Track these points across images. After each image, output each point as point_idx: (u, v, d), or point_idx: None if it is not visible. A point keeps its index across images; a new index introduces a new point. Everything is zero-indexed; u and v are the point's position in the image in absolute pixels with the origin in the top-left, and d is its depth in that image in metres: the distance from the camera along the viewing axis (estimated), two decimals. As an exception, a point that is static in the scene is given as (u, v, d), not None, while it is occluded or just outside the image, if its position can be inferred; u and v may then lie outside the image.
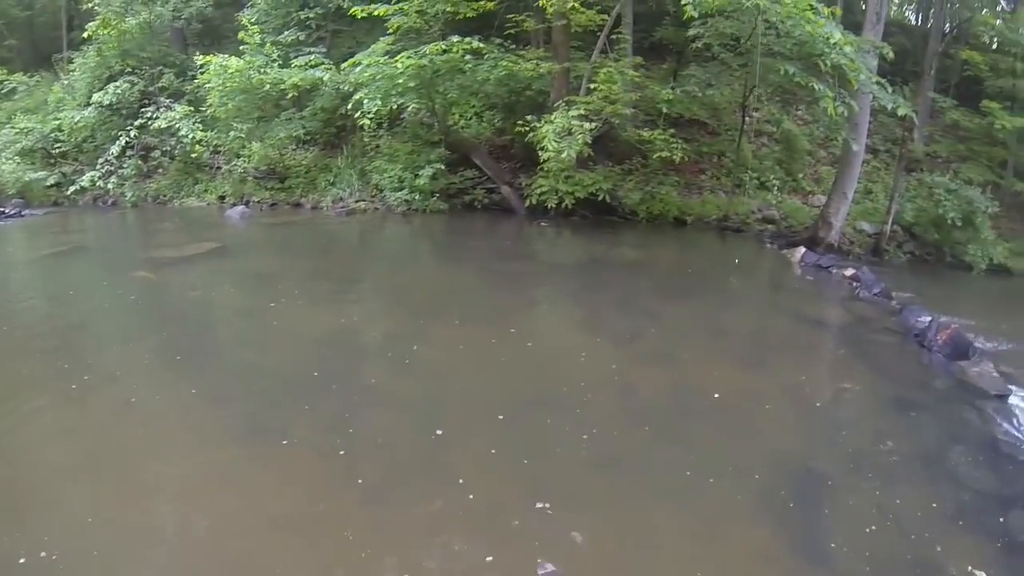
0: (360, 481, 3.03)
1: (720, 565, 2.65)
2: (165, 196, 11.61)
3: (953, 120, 11.44)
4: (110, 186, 11.65)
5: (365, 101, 9.02)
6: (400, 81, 8.93)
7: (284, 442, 3.31)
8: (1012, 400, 4.52)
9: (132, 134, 11.68)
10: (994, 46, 12.22)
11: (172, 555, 2.55)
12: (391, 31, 9.57)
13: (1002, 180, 11.87)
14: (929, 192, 10.66)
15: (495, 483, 3.07)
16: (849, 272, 7.97)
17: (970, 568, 2.70)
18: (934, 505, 3.13)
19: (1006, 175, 11.91)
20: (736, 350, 5.15)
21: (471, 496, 2.92)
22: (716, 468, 3.30)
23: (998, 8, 12.32)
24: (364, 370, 4.38)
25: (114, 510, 2.78)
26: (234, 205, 10.65)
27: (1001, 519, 3.07)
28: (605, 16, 9.10)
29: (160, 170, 12.00)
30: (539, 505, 2.87)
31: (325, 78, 10.07)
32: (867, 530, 2.91)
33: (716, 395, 4.13)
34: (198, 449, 3.26)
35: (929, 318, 5.77)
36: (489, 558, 2.55)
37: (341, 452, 3.25)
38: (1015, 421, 4.17)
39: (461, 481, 3.02)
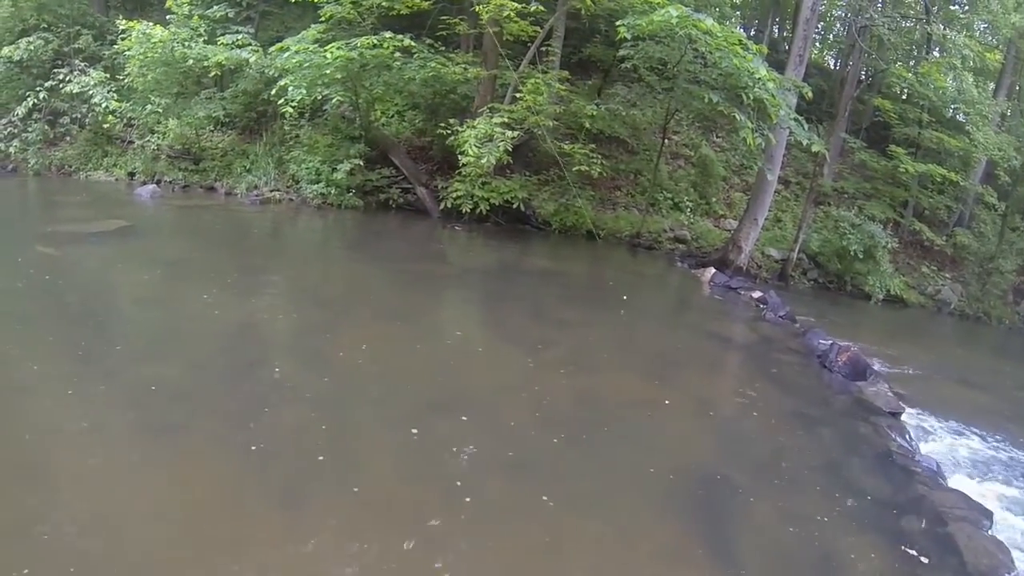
0: (266, 479, 2.91)
1: (631, 567, 2.67)
2: (71, 166, 10.89)
3: (861, 160, 12.22)
4: (12, 150, 10.83)
5: (290, 88, 8.76)
6: (328, 72, 8.73)
7: (188, 438, 3.14)
8: (904, 417, 4.91)
9: (41, 96, 10.88)
10: (904, 96, 13.13)
11: (59, 557, 2.32)
12: (323, 19, 9.35)
13: (902, 219, 12.80)
14: (835, 225, 11.37)
15: (401, 486, 3.01)
16: (756, 295, 8.37)
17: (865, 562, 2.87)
18: (834, 509, 3.32)
19: (906, 214, 12.84)
20: (645, 363, 5.26)
21: (377, 499, 2.84)
22: (624, 475, 3.35)
23: (911, 62, 13.23)
24: (273, 365, 4.22)
25: None
26: (144, 183, 10.11)
27: (895, 521, 3.31)
28: (538, 28, 9.21)
29: (68, 138, 11.25)
30: (447, 509, 2.82)
31: (251, 60, 9.73)
32: (771, 531, 3.05)
33: (624, 405, 4.21)
34: (95, 446, 3.02)
35: (830, 341, 6.16)
36: (393, 565, 2.47)
37: (248, 449, 3.10)
38: (907, 436, 4.52)
39: (366, 483, 2.94)
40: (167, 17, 10.49)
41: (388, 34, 8.77)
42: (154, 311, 5.00)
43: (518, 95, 8.80)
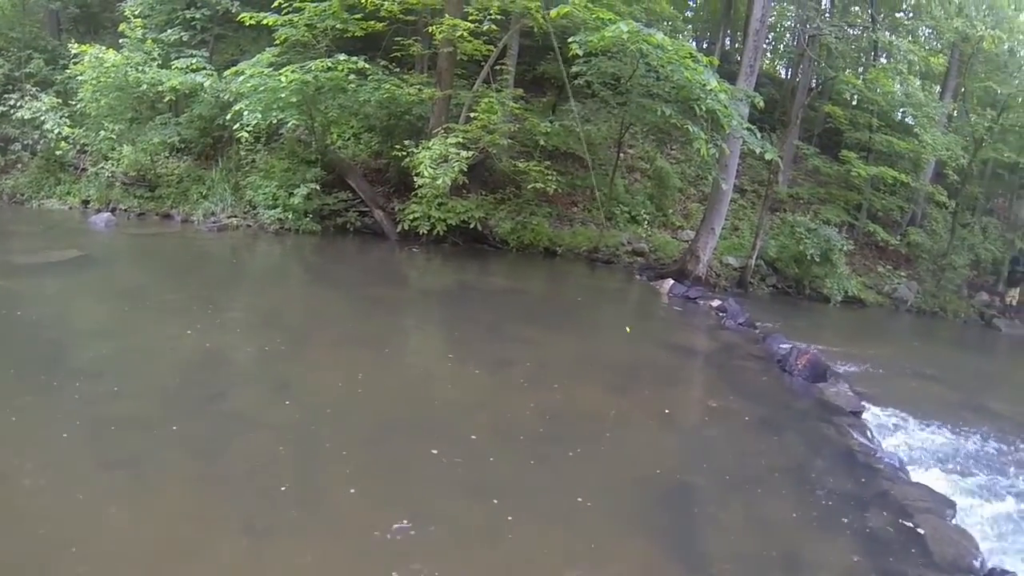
0: (229, 511, 2.89)
1: None
2: (23, 195, 10.67)
3: (815, 166, 12.58)
4: (-39, 179, 10.63)
5: (245, 113, 8.74)
6: (283, 95, 8.72)
7: (148, 472, 3.09)
8: (865, 416, 5.01)
9: (-9, 123, 10.72)
10: (854, 102, 13.56)
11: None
12: (278, 42, 9.35)
13: (856, 221, 13.20)
14: (791, 230, 11.67)
15: (367, 511, 3.00)
16: (715, 303, 8.50)
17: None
18: (799, 510, 3.38)
19: (860, 217, 13.25)
20: (606, 376, 5.29)
21: (342, 524, 2.84)
22: (590, 489, 3.33)
23: (859, 69, 13.67)
24: (233, 394, 4.20)
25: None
26: (99, 211, 9.95)
27: (860, 517, 3.38)
28: (491, 47, 9.32)
29: (19, 165, 11.03)
30: (413, 533, 2.81)
31: (206, 84, 9.67)
32: (739, 535, 3.10)
33: (587, 419, 4.23)
34: (52, 483, 2.95)
35: (790, 345, 6.24)
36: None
37: (210, 480, 3.09)
38: (868, 433, 4.61)
39: (333, 509, 2.94)
40: (120, 41, 10.38)
41: (343, 56, 8.81)
42: (111, 342, 4.95)
43: (473, 115, 8.90)
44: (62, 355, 4.53)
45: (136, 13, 10.66)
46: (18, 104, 10.58)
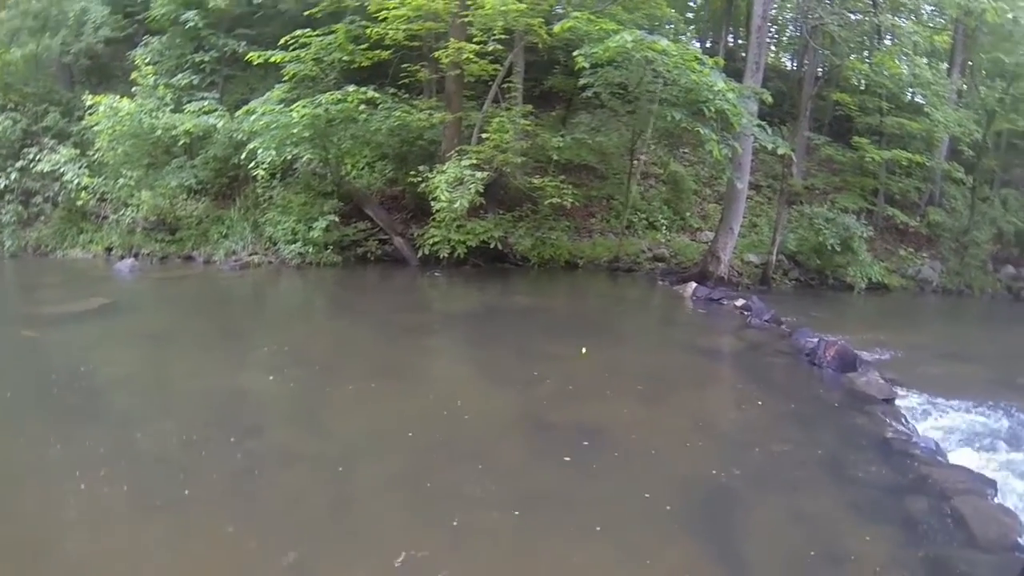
0: (271, 548, 2.90)
1: None
2: (47, 246, 10.89)
3: (828, 155, 12.46)
4: (-13, 234, 10.85)
5: (259, 151, 8.86)
6: (295, 131, 8.84)
7: (187, 513, 3.14)
8: (898, 402, 4.98)
9: (12, 176, 10.92)
10: (862, 88, 13.41)
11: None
12: (287, 78, 9.48)
13: (874, 207, 13.03)
14: (809, 222, 11.57)
15: (416, 536, 3.03)
16: (739, 302, 8.45)
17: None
18: (838, 502, 3.39)
19: (877, 202, 13.08)
20: (636, 386, 5.30)
21: (396, 553, 2.84)
22: (631, 498, 3.37)
23: (864, 53, 13.53)
24: (268, 431, 4.26)
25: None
26: (122, 257, 10.13)
27: (899, 505, 3.38)
28: (498, 66, 9.37)
29: (42, 217, 11.24)
30: (460, 555, 2.85)
31: (219, 125, 9.82)
32: (780, 533, 3.11)
33: (620, 429, 4.25)
34: (106, 524, 3.03)
35: (817, 338, 6.22)
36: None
37: (249, 518, 3.12)
38: (902, 420, 4.59)
39: (383, 538, 2.97)
40: (132, 89, 10.56)
41: (352, 87, 8.91)
42: (143, 387, 5.04)
43: (484, 135, 8.95)
44: (94, 402, 4.62)
45: (146, 60, 10.87)
46: (37, 157, 10.82)
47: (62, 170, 10.51)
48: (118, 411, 4.51)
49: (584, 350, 5.92)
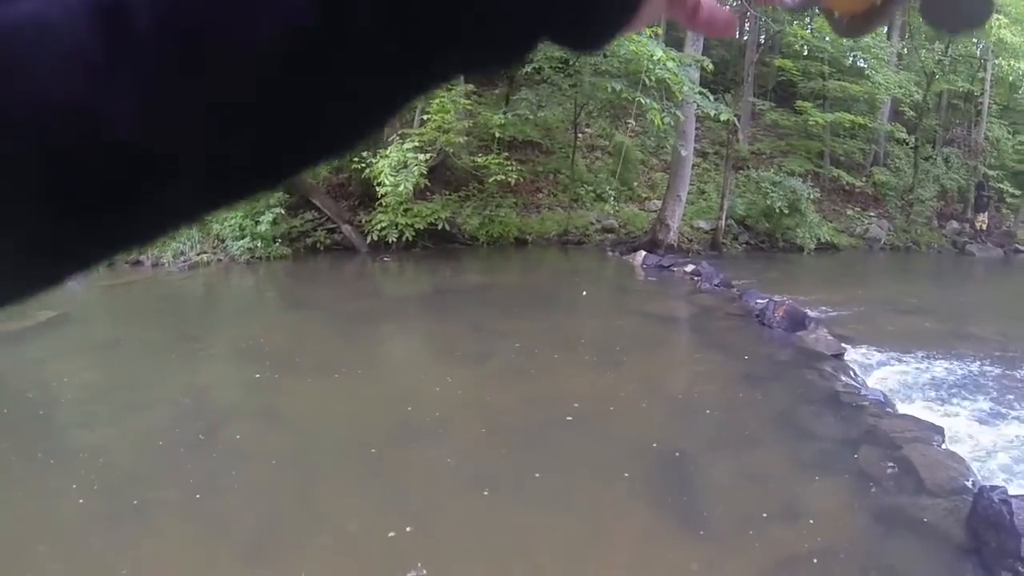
0: (235, 539, 2.93)
1: (609, 556, 2.73)
2: (-11, 259, 10.62)
3: (772, 120, 12.72)
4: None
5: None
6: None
7: (150, 517, 3.14)
8: (847, 357, 5.09)
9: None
10: (805, 53, 13.69)
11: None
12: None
13: (820, 169, 13.39)
14: (757, 186, 11.85)
15: (371, 519, 3.04)
16: (689, 268, 8.63)
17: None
18: (791, 459, 3.45)
19: (823, 164, 13.44)
20: (590, 356, 5.35)
21: (345, 536, 2.89)
22: (587, 468, 3.38)
23: (806, 19, 13.79)
24: (226, 429, 4.23)
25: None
26: (68, 264, 9.93)
27: (850, 457, 3.43)
28: (436, 46, 9.33)
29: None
30: (419, 533, 2.85)
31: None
32: (737, 492, 3.16)
33: (576, 402, 4.23)
34: (64, 535, 3.01)
35: (766, 299, 6.33)
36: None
37: (213, 515, 3.13)
38: (851, 374, 4.69)
39: (334, 524, 2.98)
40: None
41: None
42: (101, 397, 4.97)
43: (426, 116, 8.93)
44: (53, 420, 4.56)
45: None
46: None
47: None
48: (75, 426, 4.46)
49: (584, 292, 5.84)
